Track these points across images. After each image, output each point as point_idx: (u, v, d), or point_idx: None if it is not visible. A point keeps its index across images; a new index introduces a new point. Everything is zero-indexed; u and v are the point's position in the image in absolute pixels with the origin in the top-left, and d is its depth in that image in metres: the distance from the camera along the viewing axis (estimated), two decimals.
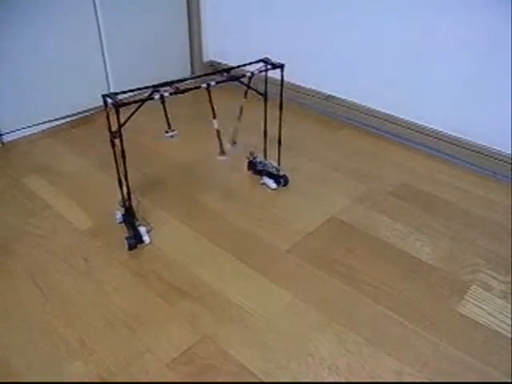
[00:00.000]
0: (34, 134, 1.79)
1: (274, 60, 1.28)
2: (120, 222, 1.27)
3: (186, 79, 1.19)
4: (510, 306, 1.08)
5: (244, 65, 1.28)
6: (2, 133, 1.71)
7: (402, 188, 1.49)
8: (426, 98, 1.64)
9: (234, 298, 1.08)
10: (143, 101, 1.07)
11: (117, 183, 1.21)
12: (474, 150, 1.58)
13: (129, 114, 1.09)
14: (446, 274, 1.16)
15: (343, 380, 0.91)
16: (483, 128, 1.55)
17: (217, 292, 1.10)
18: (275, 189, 1.42)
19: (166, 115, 1.22)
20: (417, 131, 1.70)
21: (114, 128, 1.10)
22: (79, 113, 1.90)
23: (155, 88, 1.10)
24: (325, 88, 1.93)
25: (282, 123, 1.38)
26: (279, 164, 1.44)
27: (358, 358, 0.95)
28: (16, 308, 1.05)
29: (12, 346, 0.97)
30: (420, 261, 1.20)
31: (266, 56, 1.29)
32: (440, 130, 1.65)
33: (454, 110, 1.59)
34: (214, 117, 1.22)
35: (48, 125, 1.82)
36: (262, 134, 1.43)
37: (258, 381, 0.90)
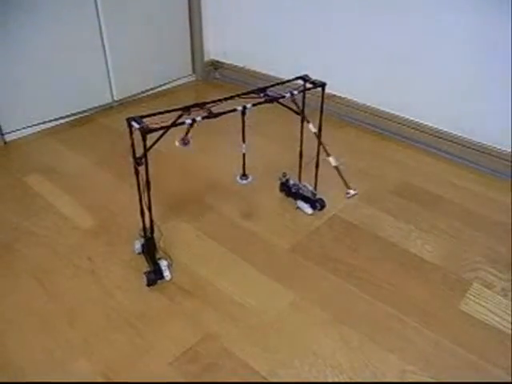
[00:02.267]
0: (36, 133, 1.79)
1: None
2: (139, 253, 1.18)
3: (219, 100, 1.06)
4: (510, 303, 1.08)
5: (281, 83, 1.16)
6: (4, 132, 1.71)
7: (404, 186, 1.49)
8: (428, 96, 1.65)
9: (237, 296, 1.09)
10: (173, 125, 0.96)
11: (139, 213, 1.10)
12: (475, 149, 1.59)
13: (154, 140, 0.99)
14: (447, 272, 1.17)
15: (346, 378, 0.91)
16: (485, 126, 1.56)
17: (220, 291, 1.10)
18: (311, 214, 1.34)
19: (187, 133, 1.12)
20: (418, 130, 1.70)
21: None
22: (80, 112, 1.90)
23: (185, 110, 1.00)
24: (327, 87, 1.93)
25: (283, 120, 1.35)
26: (316, 188, 1.34)
27: (361, 356, 0.95)
28: (19, 307, 1.06)
29: (16, 344, 0.97)
30: (422, 259, 1.20)
31: (306, 73, 1.22)
32: (441, 128, 1.65)
33: (456, 109, 1.60)
34: (244, 141, 1.12)
35: (49, 124, 1.83)
36: (298, 155, 1.34)
37: (261, 379, 0.91)
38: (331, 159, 1.12)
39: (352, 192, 1.40)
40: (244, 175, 1.19)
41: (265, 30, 2.02)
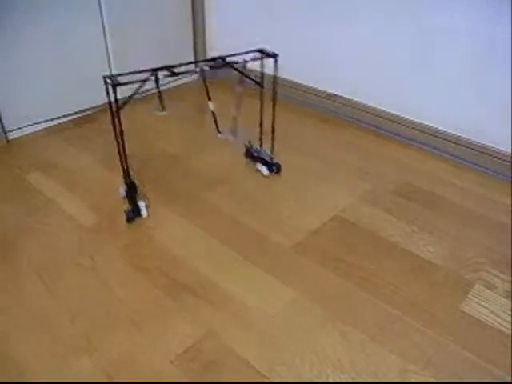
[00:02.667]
0: (39, 131, 1.79)
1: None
2: (124, 197, 1.36)
3: (181, 64, 1.23)
4: None
5: (239, 53, 1.31)
6: (7, 130, 1.71)
7: (405, 187, 1.49)
8: (429, 96, 1.65)
9: (239, 294, 1.09)
10: (141, 81, 1.17)
11: (119, 161, 1.28)
12: (476, 150, 1.59)
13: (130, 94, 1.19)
14: (449, 273, 1.17)
15: (348, 378, 0.91)
16: (485, 127, 1.56)
17: (221, 289, 1.10)
18: (268, 176, 1.51)
19: (160, 95, 1.31)
20: (419, 130, 1.70)
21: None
22: (83, 111, 1.90)
23: (154, 71, 1.19)
24: (328, 87, 1.94)
25: (286, 122, 1.39)
26: (272, 152, 1.51)
27: (362, 356, 0.95)
28: (21, 304, 1.06)
29: (17, 341, 0.97)
30: (423, 259, 1.20)
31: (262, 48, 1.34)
32: (442, 128, 1.65)
33: (457, 109, 1.60)
34: (209, 99, 1.32)
35: (52, 123, 1.83)
36: (259, 125, 1.49)
37: (261, 377, 0.91)
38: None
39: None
40: (219, 131, 1.47)
41: (268, 28, 2.02)
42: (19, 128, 1.75)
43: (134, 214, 1.30)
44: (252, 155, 1.58)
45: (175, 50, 2.15)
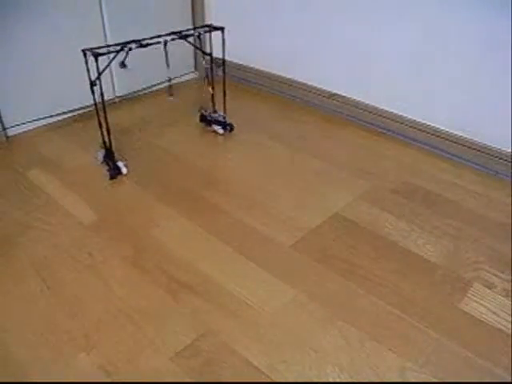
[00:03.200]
0: (38, 128, 1.79)
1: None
2: (102, 162, 1.51)
3: (150, 38, 1.47)
4: (511, 303, 1.08)
5: (191, 29, 1.56)
6: (7, 127, 1.71)
7: (405, 186, 1.49)
8: (429, 96, 1.65)
9: (238, 292, 1.09)
10: (117, 51, 1.38)
11: (97, 125, 1.44)
12: (476, 149, 1.59)
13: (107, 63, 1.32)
14: (448, 272, 1.17)
15: (347, 376, 0.91)
16: (485, 126, 1.56)
17: (221, 287, 1.10)
18: (222, 134, 1.75)
19: (125, 59, 1.46)
20: (419, 129, 1.70)
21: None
22: (83, 108, 1.90)
23: (125, 44, 1.41)
24: (329, 86, 1.94)
25: (286, 121, 1.39)
26: (225, 112, 1.74)
27: (361, 354, 0.96)
28: (21, 301, 1.06)
29: (16, 338, 0.97)
30: (422, 258, 1.21)
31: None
32: (443, 128, 1.65)
33: (457, 109, 1.60)
34: (168, 66, 1.62)
35: (52, 119, 1.83)
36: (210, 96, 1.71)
37: (261, 375, 0.91)
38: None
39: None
40: (171, 95, 1.94)
41: (268, 28, 2.02)
42: (19, 125, 1.75)
43: (114, 171, 1.48)
44: (207, 120, 1.80)
45: (175, 48, 2.14)
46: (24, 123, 1.76)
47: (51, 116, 1.82)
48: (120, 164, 1.49)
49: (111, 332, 0.99)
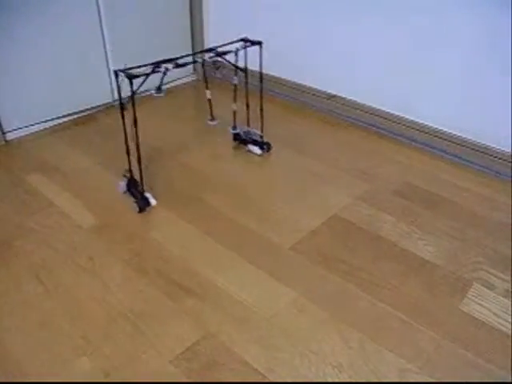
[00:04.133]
0: (38, 131, 1.79)
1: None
2: (124, 192, 1.37)
3: (183, 56, 1.39)
4: (511, 304, 1.08)
5: (225, 44, 1.44)
6: (6, 131, 1.71)
7: (405, 187, 1.49)
8: (430, 97, 1.65)
9: (238, 295, 1.09)
10: (151, 73, 1.27)
11: (125, 152, 1.32)
12: (476, 150, 1.59)
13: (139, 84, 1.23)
14: (448, 273, 1.17)
15: (346, 377, 0.91)
16: (486, 127, 1.56)
17: (220, 289, 1.10)
18: (260, 154, 1.60)
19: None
20: (419, 130, 1.70)
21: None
22: (82, 111, 1.91)
23: (159, 63, 1.32)
24: (328, 87, 1.94)
25: (287, 123, 1.39)
26: (262, 131, 1.60)
27: (361, 355, 0.95)
28: (20, 304, 1.06)
29: (16, 342, 0.97)
30: (423, 259, 1.20)
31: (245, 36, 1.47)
32: (443, 129, 1.65)
33: (458, 110, 1.60)
34: (207, 87, 1.52)
35: (51, 123, 1.83)
36: (245, 108, 1.60)
37: (260, 377, 0.91)
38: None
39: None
40: (212, 119, 1.66)
41: (266, 30, 2.02)
42: (18, 128, 1.75)
43: (143, 202, 1.34)
44: (241, 138, 1.66)
45: (173, 50, 2.14)
46: (23, 127, 1.76)
47: (51, 119, 1.83)
48: (148, 195, 1.36)
49: (111, 335, 0.99)
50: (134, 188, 1.38)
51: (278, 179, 1.52)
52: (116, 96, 1.99)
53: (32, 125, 1.78)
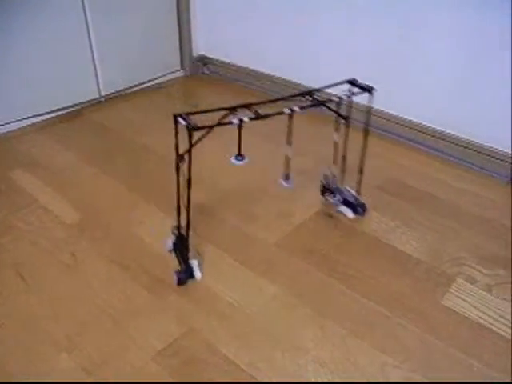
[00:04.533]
0: (22, 128, 1.78)
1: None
2: (170, 250, 1.16)
3: (265, 102, 1.05)
4: (493, 298, 1.09)
5: (327, 86, 1.16)
6: None
7: (390, 182, 1.49)
8: (418, 93, 1.65)
9: (220, 290, 1.09)
10: (219, 125, 0.97)
11: (175, 210, 1.11)
12: (462, 145, 1.60)
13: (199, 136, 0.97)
14: (431, 268, 1.17)
15: (328, 372, 0.91)
16: (470, 123, 1.56)
17: (203, 285, 1.10)
18: (352, 218, 1.31)
19: (240, 142, 1.07)
20: (406, 126, 1.71)
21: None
22: (67, 107, 1.89)
23: (232, 110, 1.01)
24: (316, 84, 1.93)
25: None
26: (359, 193, 1.32)
27: (342, 350, 0.96)
28: (2, 301, 1.05)
29: None
30: (406, 254, 1.21)
31: (352, 78, 1.18)
32: (429, 125, 1.66)
33: (444, 106, 1.60)
34: (289, 143, 1.19)
35: (36, 119, 1.81)
36: (339, 160, 1.32)
37: (240, 372, 0.91)
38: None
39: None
40: (287, 178, 1.28)
41: (255, 25, 2.01)
42: (2, 125, 1.73)
43: (186, 274, 1.09)
44: (331, 194, 1.36)
45: (160, 45, 2.14)
46: (7, 123, 1.74)
47: (35, 116, 1.81)
48: (194, 264, 1.10)
49: (93, 332, 0.99)
50: (181, 249, 1.12)
51: (263, 175, 1.51)
52: (103, 92, 1.98)
53: (17, 121, 1.76)
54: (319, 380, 0.90)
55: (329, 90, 1.14)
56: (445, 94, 1.58)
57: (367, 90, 1.15)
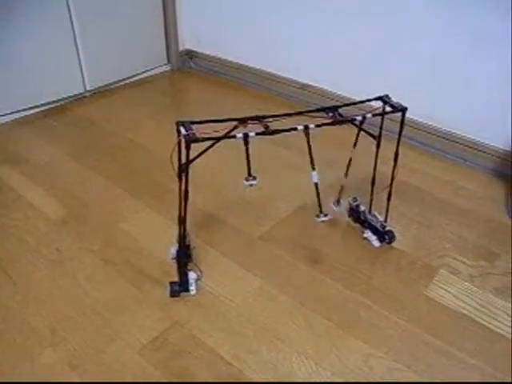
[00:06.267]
0: (6, 123, 1.76)
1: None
2: (173, 258, 1.10)
3: (278, 115, 0.96)
4: (476, 289, 1.11)
5: (356, 102, 1.10)
6: None
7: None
8: (395, 84, 1.65)
9: (206, 284, 1.09)
10: (222, 138, 0.90)
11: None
12: (442, 137, 1.61)
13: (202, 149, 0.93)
14: (415, 259, 1.18)
15: (312, 364, 0.92)
16: (451, 114, 1.58)
17: None
18: (378, 247, 1.23)
19: (248, 158, 1.03)
20: (387, 118, 1.71)
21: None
22: (52, 102, 1.87)
23: (239, 122, 0.93)
24: (301, 77, 1.94)
25: (255, 110, 1.37)
26: (386, 220, 1.22)
27: (327, 342, 0.97)
28: None
29: None
30: (390, 246, 1.22)
31: (386, 94, 1.11)
32: (410, 116, 1.66)
33: (422, 97, 1.61)
34: (313, 168, 1.05)
35: (20, 114, 1.80)
36: (370, 181, 1.28)
37: (227, 365, 0.91)
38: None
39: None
40: (321, 211, 1.13)
41: (241, 18, 2.01)
42: None
43: (180, 287, 1.05)
44: (358, 217, 1.28)
45: (146, 39, 2.13)
46: None
47: (19, 111, 1.79)
48: (191, 277, 1.05)
49: (78, 327, 0.99)
50: (184, 259, 1.07)
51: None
52: (88, 87, 1.96)
53: (1, 116, 1.75)
54: (303, 370, 0.91)
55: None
56: (426, 85, 1.59)
57: (399, 110, 1.06)
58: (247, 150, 1.01)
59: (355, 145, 1.19)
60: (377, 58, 1.68)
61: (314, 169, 1.05)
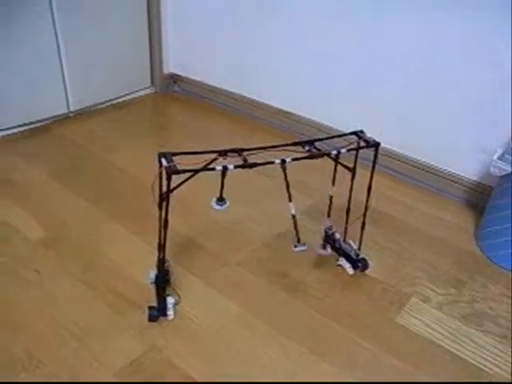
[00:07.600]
0: None
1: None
2: (152, 282, 1.11)
3: (257, 148, 1.02)
4: (444, 316, 1.15)
5: (331, 137, 1.16)
6: None
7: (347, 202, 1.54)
8: (373, 115, 1.71)
9: (183, 309, 1.11)
10: (201, 170, 0.93)
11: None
12: (419, 168, 1.67)
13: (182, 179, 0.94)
14: (387, 287, 1.22)
15: None
16: (428, 145, 1.64)
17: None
18: (352, 275, 1.25)
19: (222, 187, 1.10)
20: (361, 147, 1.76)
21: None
22: (34, 122, 1.88)
23: (219, 154, 0.97)
24: (283, 104, 1.98)
25: (237, 136, 1.40)
26: (360, 247, 1.25)
27: (299, 366, 0.99)
28: None
29: None
30: (364, 274, 1.26)
31: (360, 130, 1.16)
32: (386, 146, 1.72)
33: (401, 128, 1.67)
34: (290, 199, 1.09)
35: (2, 133, 1.80)
36: (345, 210, 1.31)
37: None
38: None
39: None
40: (299, 241, 1.16)
41: (226, 44, 2.05)
42: None
43: (158, 312, 1.07)
44: (334, 245, 1.31)
45: (131, 62, 2.16)
46: None
47: (3, 129, 1.80)
48: (169, 302, 1.07)
49: (55, 350, 1.00)
50: (162, 284, 1.09)
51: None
52: (72, 107, 1.98)
53: None
54: None
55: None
56: (401, 116, 1.65)
57: (372, 145, 1.11)
58: (223, 181, 1.07)
59: (334, 182, 1.24)
60: (353, 87, 1.74)
61: (290, 200, 1.10)
